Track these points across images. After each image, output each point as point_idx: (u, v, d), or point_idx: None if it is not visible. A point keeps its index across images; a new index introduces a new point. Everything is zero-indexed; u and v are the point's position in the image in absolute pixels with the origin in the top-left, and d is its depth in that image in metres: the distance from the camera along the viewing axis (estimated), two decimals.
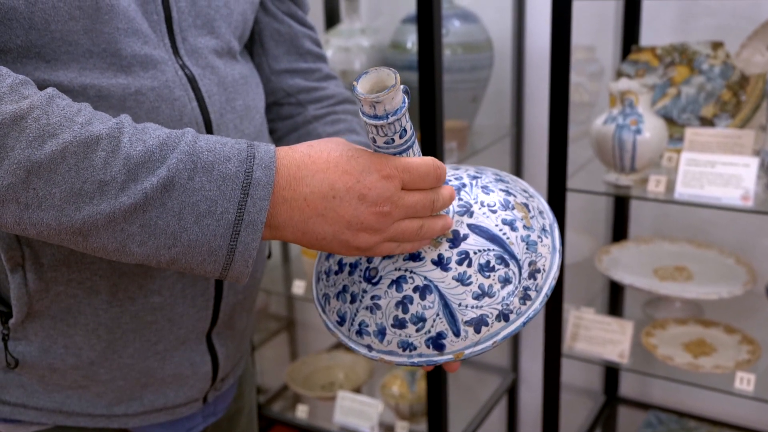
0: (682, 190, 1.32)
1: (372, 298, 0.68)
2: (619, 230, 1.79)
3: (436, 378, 1.53)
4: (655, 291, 1.51)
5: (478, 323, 0.66)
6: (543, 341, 1.48)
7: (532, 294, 0.68)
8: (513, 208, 0.70)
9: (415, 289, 0.67)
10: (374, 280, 0.69)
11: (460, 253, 0.67)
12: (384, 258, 0.69)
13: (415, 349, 0.67)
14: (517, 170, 1.87)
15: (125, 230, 0.60)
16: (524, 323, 0.67)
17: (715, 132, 1.37)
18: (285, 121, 0.98)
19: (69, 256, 0.72)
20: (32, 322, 0.75)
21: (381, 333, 0.68)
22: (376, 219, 0.63)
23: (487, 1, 1.77)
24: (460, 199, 0.70)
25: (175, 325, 0.80)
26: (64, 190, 0.58)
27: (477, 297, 0.66)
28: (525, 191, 0.74)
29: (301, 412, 1.98)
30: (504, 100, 1.83)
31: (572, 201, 1.44)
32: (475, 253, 0.67)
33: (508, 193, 0.72)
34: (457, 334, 0.65)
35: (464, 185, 0.72)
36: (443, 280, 0.66)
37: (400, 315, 0.67)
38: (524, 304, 0.67)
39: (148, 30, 0.73)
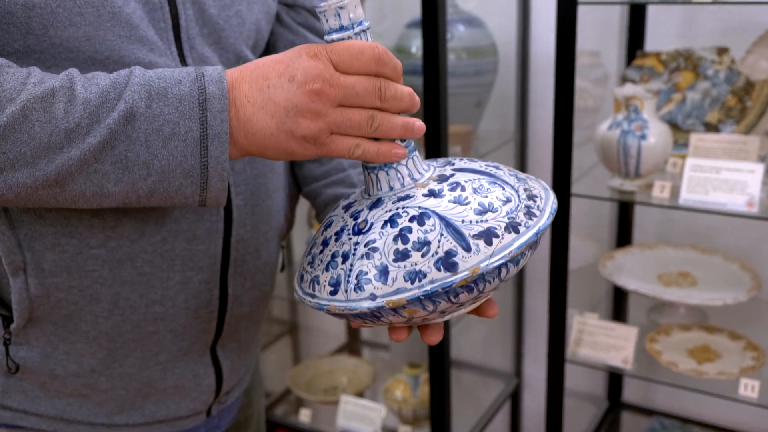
0: (686, 196, 1.32)
1: (366, 245, 0.63)
2: (624, 236, 1.78)
3: (440, 382, 1.53)
4: (660, 297, 1.50)
5: (488, 235, 0.61)
6: (546, 346, 1.47)
7: (536, 212, 0.64)
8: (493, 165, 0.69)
9: (412, 218, 0.62)
10: (365, 230, 0.64)
11: (450, 184, 0.64)
12: (371, 209, 0.66)
13: (424, 276, 0.60)
14: None
15: (99, 170, 0.61)
16: (537, 234, 0.62)
17: (720, 138, 1.36)
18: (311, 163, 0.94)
19: (70, 262, 0.72)
20: (33, 327, 0.75)
21: (383, 273, 0.61)
22: (309, 98, 0.61)
23: (491, 5, 1.77)
24: (436, 161, 0.69)
25: (178, 336, 0.79)
26: (33, 147, 0.60)
27: (479, 213, 0.62)
28: None
29: (304, 416, 1.98)
30: (508, 105, 1.82)
31: (576, 206, 1.44)
32: (466, 181, 0.64)
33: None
34: (467, 248, 0.60)
35: (431, 165, 0.70)
36: (439, 204, 0.63)
37: (401, 247, 0.61)
38: (531, 219, 0.63)
39: (155, 37, 0.72)
